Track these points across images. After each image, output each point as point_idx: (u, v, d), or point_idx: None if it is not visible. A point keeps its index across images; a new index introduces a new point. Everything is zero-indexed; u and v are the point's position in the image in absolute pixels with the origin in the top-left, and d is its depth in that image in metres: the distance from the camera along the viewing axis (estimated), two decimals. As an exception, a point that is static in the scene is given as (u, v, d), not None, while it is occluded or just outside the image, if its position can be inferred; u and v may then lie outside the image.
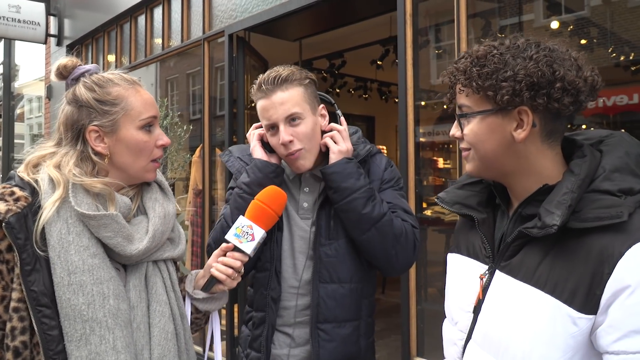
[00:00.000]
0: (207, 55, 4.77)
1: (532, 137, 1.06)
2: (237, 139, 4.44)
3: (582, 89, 1.02)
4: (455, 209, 1.23)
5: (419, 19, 3.22)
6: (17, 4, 7.21)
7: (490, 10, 3.37)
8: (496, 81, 1.04)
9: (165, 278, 1.38)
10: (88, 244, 1.22)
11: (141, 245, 1.29)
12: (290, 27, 4.95)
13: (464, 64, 1.10)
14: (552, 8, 3.98)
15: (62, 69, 1.37)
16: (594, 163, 1.03)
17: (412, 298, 3.08)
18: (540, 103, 1.02)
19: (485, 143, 1.10)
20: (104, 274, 1.22)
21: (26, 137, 35.70)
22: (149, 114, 1.35)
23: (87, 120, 1.30)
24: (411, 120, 3.07)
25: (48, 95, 8.00)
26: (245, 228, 1.38)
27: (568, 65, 1.03)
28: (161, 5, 5.51)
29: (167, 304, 1.35)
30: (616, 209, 0.94)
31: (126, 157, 1.33)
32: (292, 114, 1.65)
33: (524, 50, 1.05)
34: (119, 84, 1.34)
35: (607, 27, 4.11)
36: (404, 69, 3.07)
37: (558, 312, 0.97)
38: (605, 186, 0.99)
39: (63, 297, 1.18)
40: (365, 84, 8.80)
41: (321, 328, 1.69)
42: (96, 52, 7.00)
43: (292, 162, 1.71)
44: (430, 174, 4.69)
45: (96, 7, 6.73)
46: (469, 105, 1.11)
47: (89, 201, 1.24)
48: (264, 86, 1.66)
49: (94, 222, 1.22)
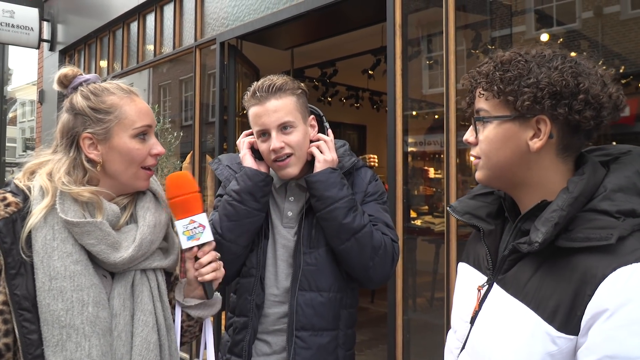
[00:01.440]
0: (198, 63, 4.78)
1: (547, 149, 1.05)
2: (227, 146, 4.44)
3: (605, 105, 1.00)
4: (465, 219, 1.22)
5: (410, 30, 3.24)
6: (11, 9, 7.21)
7: (482, 22, 3.39)
8: (518, 87, 1.02)
9: (152, 287, 1.36)
10: (72, 250, 1.23)
11: (126, 253, 1.29)
12: (281, 35, 4.97)
13: (487, 68, 1.09)
14: (543, 20, 4.01)
15: (63, 78, 1.40)
16: (592, 181, 1.01)
17: (399, 308, 3.08)
18: (560, 113, 1.00)
19: (499, 150, 1.08)
20: (85, 281, 1.22)
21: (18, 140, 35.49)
22: (142, 122, 1.36)
23: (81, 128, 1.33)
24: (400, 129, 3.08)
25: (40, 99, 7.98)
26: (189, 226, 1.36)
27: (593, 80, 1.01)
28: (153, 12, 5.52)
29: (152, 313, 1.34)
30: (607, 231, 0.92)
31: (118, 164, 1.34)
32: (285, 122, 1.68)
33: (550, 60, 1.04)
34: (115, 92, 1.36)
35: (598, 40, 4.15)
36: (393, 79, 3.09)
37: (538, 329, 0.96)
38: (603, 206, 0.97)
39: (43, 302, 1.19)
40: (357, 93, 8.84)
41: (298, 336, 1.70)
42: (89, 58, 7.00)
43: (279, 168, 1.72)
44: (421, 184, 4.70)
45: (89, 13, 6.74)
46: (487, 109, 1.10)
47: (76, 209, 1.26)
48: (258, 93, 1.68)
49: (77, 229, 1.23)
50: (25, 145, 30.65)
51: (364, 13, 4.30)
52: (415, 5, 3.25)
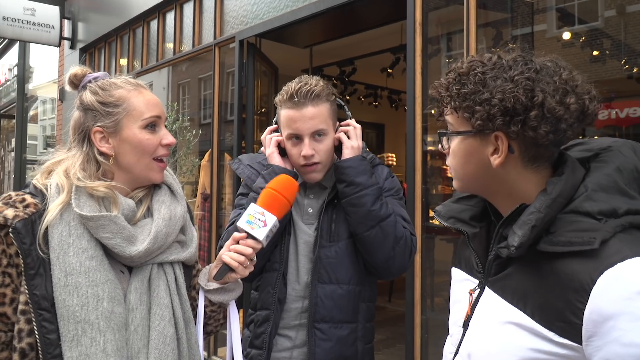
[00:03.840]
0: (217, 61, 4.79)
1: (512, 162, 1.01)
2: (245, 144, 4.45)
3: (562, 117, 0.94)
4: (449, 223, 1.20)
5: (430, 28, 3.22)
6: (32, 7, 7.31)
7: (503, 20, 3.35)
8: (473, 103, 0.98)
9: (170, 281, 1.37)
10: (87, 246, 1.24)
11: (142, 246, 1.30)
12: (300, 33, 4.97)
13: (447, 80, 1.05)
14: (565, 19, 3.96)
15: (73, 78, 1.42)
16: (571, 181, 0.97)
17: (417, 307, 3.06)
18: (514, 130, 0.95)
19: (464, 165, 1.07)
20: (99, 277, 1.24)
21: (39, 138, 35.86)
22: (151, 113, 1.37)
23: (91, 123, 1.35)
24: (419, 128, 3.06)
25: (61, 97, 8.09)
26: (257, 215, 1.37)
27: (551, 90, 0.95)
28: (173, 11, 5.55)
29: (169, 307, 1.34)
30: (589, 234, 0.89)
31: (130, 156, 1.35)
32: (318, 130, 1.72)
33: (508, 69, 0.98)
34: (122, 86, 1.38)
35: (620, 39, 4.08)
36: (412, 78, 3.07)
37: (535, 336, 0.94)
38: (584, 207, 0.93)
39: (59, 297, 1.20)
40: (375, 91, 8.81)
41: (318, 327, 1.72)
42: (109, 56, 7.07)
43: (306, 173, 1.77)
44: (440, 183, 4.67)
45: (109, 11, 6.80)
46: (452, 123, 1.07)
47: (91, 204, 1.27)
48: (296, 98, 1.69)
49: (92, 223, 1.25)
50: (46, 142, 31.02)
51: (382, 11, 4.28)
52: (436, 3, 3.22)
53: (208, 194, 4.85)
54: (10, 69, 11.95)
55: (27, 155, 10.88)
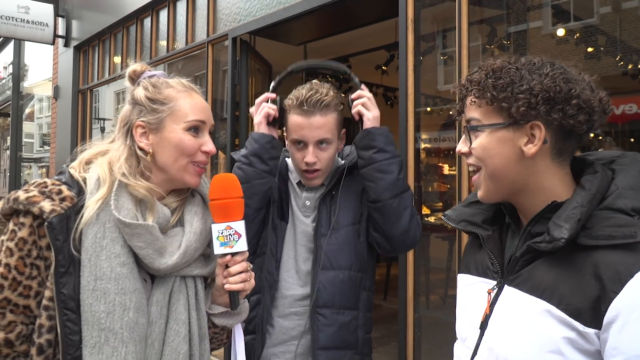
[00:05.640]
0: (210, 58, 4.77)
1: (542, 154, 1.05)
2: (239, 142, 4.44)
3: (595, 109, 1.02)
4: (461, 226, 1.23)
5: (423, 25, 3.20)
6: (26, 5, 7.28)
7: (497, 16, 3.34)
8: (511, 93, 1.03)
9: (190, 296, 1.33)
10: (120, 251, 1.21)
11: (170, 260, 1.26)
12: (294, 31, 4.95)
13: (478, 76, 1.10)
14: (560, 15, 3.95)
15: (132, 74, 1.41)
16: (605, 180, 1.02)
17: (410, 305, 3.05)
18: (555, 118, 1.01)
19: (494, 158, 1.08)
20: (129, 285, 1.21)
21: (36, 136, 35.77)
22: (195, 117, 1.34)
23: (136, 117, 1.33)
24: (411, 125, 3.05)
25: (55, 95, 8.05)
26: (225, 232, 1.31)
27: (583, 85, 1.03)
28: (167, 8, 5.53)
29: (186, 323, 1.31)
30: (630, 229, 0.93)
31: (167, 156, 1.32)
32: (324, 139, 1.75)
33: (539, 67, 1.05)
34: (173, 86, 1.36)
35: (616, 36, 4.07)
36: (405, 75, 3.06)
37: (564, 325, 0.97)
38: (618, 204, 0.97)
39: (86, 301, 1.17)
40: (370, 89, 8.71)
41: (320, 313, 1.75)
42: (102, 54, 7.05)
43: (306, 177, 1.81)
44: (435, 181, 4.66)
45: (103, 9, 6.77)
46: (478, 118, 1.10)
47: (129, 207, 1.24)
48: (306, 106, 1.72)
49: (129, 230, 1.21)
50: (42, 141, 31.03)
51: (376, 8, 4.27)
52: (428, 1, 3.21)
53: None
54: (5, 67, 11.93)
55: (23, 154, 10.86)
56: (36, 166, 16.46)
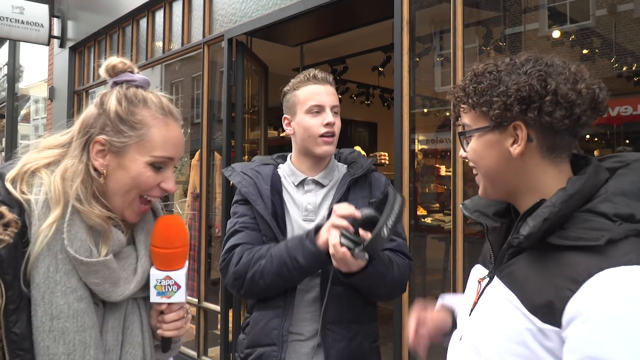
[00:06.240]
0: (206, 59, 4.76)
1: (531, 153, 1.06)
2: (235, 143, 4.43)
3: (576, 102, 1.01)
4: (474, 216, 1.26)
5: (419, 27, 3.20)
6: (20, 5, 7.24)
7: (493, 18, 3.34)
8: (490, 97, 1.05)
9: (143, 316, 1.25)
10: (76, 285, 1.10)
11: (127, 290, 1.18)
12: (290, 32, 4.94)
13: (464, 82, 1.13)
14: (556, 17, 3.96)
15: (110, 69, 1.25)
16: (591, 182, 1.01)
17: (405, 306, 3.05)
18: (531, 117, 1.02)
19: (484, 160, 1.11)
20: (88, 321, 1.10)
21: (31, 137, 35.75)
22: (164, 153, 1.20)
23: (98, 131, 1.18)
24: (406, 127, 3.04)
25: (50, 96, 8.02)
26: (163, 282, 1.23)
27: (562, 79, 1.02)
28: (162, 9, 5.51)
29: (141, 345, 1.23)
30: (599, 232, 0.93)
31: (119, 184, 1.18)
32: (337, 106, 1.89)
33: (520, 66, 1.06)
34: (150, 107, 1.21)
35: (611, 38, 4.08)
36: (400, 76, 3.05)
37: (526, 319, 0.98)
38: (601, 208, 0.97)
39: (42, 343, 1.05)
40: (367, 90, 8.78)
41: (330, 329, 1.76)
42: (98, 54, 7.02)
43: (324, 144, 1.84)
44: (432, 182, 4.66)
45: (99, 9, 6.75)
46: (469, 123, 1.13)
47: (82, 237, 1.11)
48: (319, 76, 1.88)
49: (84, 268, 1.10)
50: (38, 141, 30.98)
51: (373, 9, 4.26)
52: (423, 2, 3.21)
53: (198, 193, 4.82)
54: (0, 68, 11.88)
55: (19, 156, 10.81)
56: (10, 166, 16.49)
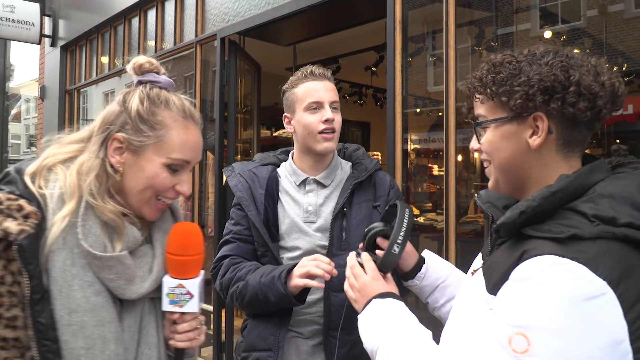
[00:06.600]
0: (199, 59, 4.75)
1: (548, 145, 1.05)
2: (228, 143, 4.42)
3: (599, 94, 1.00)
4: (485, 207, 1.25)
5: (412, 26, 3.21)
6: (11, 4, 7.19)
7: (485, 18, 3.35)
8: (510, 87, 1.04)
9: (159, 317, 1.24)
10: (93, 279, 1.10)
11: (142, 288, 1.17)
12: (283, 31, 4.93)
13: (481, 72, 1.11)
14: (548, 18, 3.98)
15: (137, 68, 1.24)
16: (579, 181, 1.00)
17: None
18: (554, 108, 1.01)
19: (500, 151, 1.10)
20: (106, 315, 1.10)
21: (23, 137, 35.54)
22: (182, 156, 1.20)
23: (117, 128, 1.18)
24: (399, 127, 3.04)
25: (41, 95, 7.97)
26: (176, 290, 1.20)
27: (584, 71, 1.01)
28: (155, 8, 5.49)
29: (157, 346, 1.21)
30: (568, 228, 0.93)
31: (135, 182, 1.19)
32: (336, 102, 1.86)
33: (541, 57, 1.05)
34: (172, 109, 1.21)
35: (602, 38, 4.11)
36: (392, 76, 3.05)
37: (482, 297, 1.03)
38: (582, 207, 0.96)
39: (61, 338, 1.05)
40: (360, 90, 8.79)
41: (333, 335, 1.74)
42: (90, 54, 6.99)
43: (324, 140, 1.81)
44: (425, 181, 4.67)
45: (90, 8, 6.72)
46: (484, 114, 1.11)
47: (97, 232, 1.12)
48: (317, 72, 1.85)
49: (98, 262, 1.10)
50: (29, 142, 30.74)
51: (366, 9, 4.26)
52: (416, 2, 3.21)
53: (191, 193, 4.80)
54: (-9, 67, 11.79)
55: (10, 155, 10.74)
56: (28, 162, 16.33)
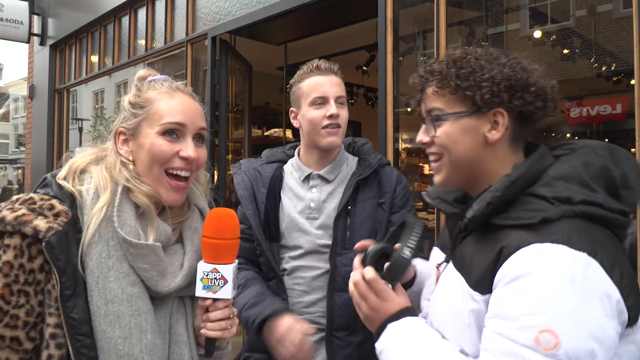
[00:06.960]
0: (190, 58, 4.73)
1: (502, 140, 1.11)
2: (218, 142, 4.41)
3: (549, 96, 1.10)
4: (435, 203, 1.29)
5: (404, 26, 3.21)
6: (0, 3, 7.13)
7: (476, 18, 3.37)
8: (474, 82, 1.08)
9: (188, 315, 1.25)
10: (128, 270, 1.12)
11: (173, 283, 1.18)
12: (274, 31, 4.93)
13: (439, 66, 1.13)
14: (537, 18, 4.01)
15: (141, 79, 1.31)
16: (534, 168, 1.07)
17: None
18: (516, 105, 1.07)
19: (458, 144, 1.12)
20: (142, 305, 1.12)
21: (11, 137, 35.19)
22: (172, 119, 1.20)
23: (119, 123, 1.25)
24: (390, 126, 3.05)
25: (30, 94, 7.91)
26: (210, 275, 1.19)
27: (538, 74, 1.10)
28: (145, 7, 5.47)
29: (187, 345, 1.22)
30: (536, 212, 0.99)
31: (142, 163, 1.21)
32: (341, 96, 1.84)
33: (497, 57, 1.11)
34: (157, 89, 1.25)
35: (591, 38, 4.15)
36: (384, 75, 3.06)
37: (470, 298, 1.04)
38: (541, 191, 1.03)
39: (98, 327, 1.08)
40: (351, 89, 8.78)
41: (336, 335, 1.74)
42: (79, 52, 6.94)
43: (328, 135, 1.80)
44: (416, 180, 4.69)
45: (80, 7, 6.68)
46: (441, 107, 1.14)
47: (131, 223, 1.14)
48: (323, 66, 1.83)
49: (134, 250, 1.13)
50: (18, 141, 30.44)
51: (357, 8, 4.26)
52: (408, 1, 3.22)
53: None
54: (-21, 66, 11.70)
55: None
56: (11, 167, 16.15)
